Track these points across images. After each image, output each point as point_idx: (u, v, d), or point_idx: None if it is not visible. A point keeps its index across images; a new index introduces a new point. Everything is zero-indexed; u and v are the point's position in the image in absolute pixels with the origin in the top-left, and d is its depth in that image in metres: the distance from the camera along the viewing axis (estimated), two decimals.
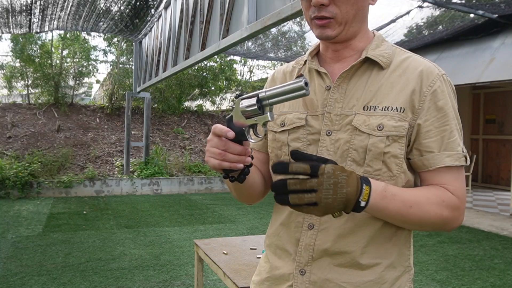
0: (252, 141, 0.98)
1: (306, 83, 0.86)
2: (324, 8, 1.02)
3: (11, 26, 8.00)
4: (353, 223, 1.04)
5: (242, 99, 0.96)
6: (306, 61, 1.17)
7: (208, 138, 0.99)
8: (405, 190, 1.01)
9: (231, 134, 0.95)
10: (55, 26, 8.45)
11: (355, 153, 1.03)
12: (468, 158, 1.05)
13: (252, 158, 1.00)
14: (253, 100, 0.93)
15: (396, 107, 1.02)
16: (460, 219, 1.04)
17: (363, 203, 0.91)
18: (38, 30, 8.58)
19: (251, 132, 0.99)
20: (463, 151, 1.03)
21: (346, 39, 1.08)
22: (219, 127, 0.96)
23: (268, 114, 0.93)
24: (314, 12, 1.03)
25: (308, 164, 0.87)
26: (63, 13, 7.45)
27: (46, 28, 8.47)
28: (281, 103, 0.93)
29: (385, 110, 1.03)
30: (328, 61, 1.14)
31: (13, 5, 6.92)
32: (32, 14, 7.38)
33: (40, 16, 7.54)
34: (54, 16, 7.55)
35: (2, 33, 8.58)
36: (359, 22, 1.07)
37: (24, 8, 7.01)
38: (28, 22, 7.78)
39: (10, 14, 7.31)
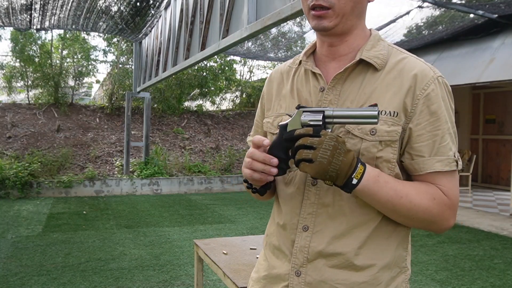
0: None
1: (379, 113, 0.91)
2: None
3: (12, 19, 7.99)
4: (348, 224, 1.04)
5: (305, 111, 0.98)
6: (301, 61, 1.16)
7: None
8: (398, 181, 1.02)
9: (275, 161, 1.00)
10: (55, 23, 8.43)
11: None
12: (460, 163, 1.04)
13: (280, 171, 1.03)
14: (319, 116, 0.96)
15: (390, 111, 1.02)
16: (451, 221, 1.04)
17: (355, 181, 0.95)
18: (39, 26, 8.55)
19: None
20: (454, 156, 1.03)
21: (342, 32, 1.07)
22: (256, 138, 1.01)
23: (329, 131, 0.97)
24: (313, 1, 1.03)
25: (311, 127, 0.95)
26: (63, 9, 7.45)
27: (47, 24, 8.45)
28: (345, 124, 0.99)
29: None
30: (323, 60, 1.13)
31: (13, 1, 6.93)
32: (33, 9, 7.38)
33: (40, 12, 7.54)
34: (54, 11, 7.55)
35: (3, 24, 8.55)
36: (357, 16, 1.07)
37: (25, 2, 7.01)
38: (29, 17, 7.77)
39: (10, 8, 7.31)
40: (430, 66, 1.07)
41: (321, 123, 0.95)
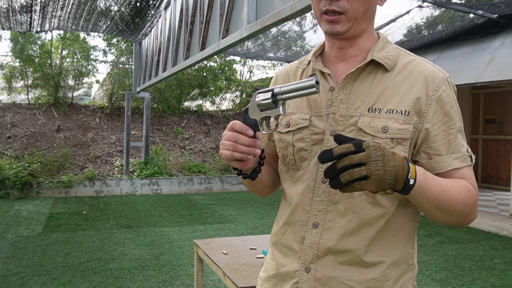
0: (264, 132, 1.05)
1: (317, 82, 0.92)
2: (335, 2, 1.03)
3: (12, 22, 7.98)
4: (357, 222, 1.05)
5: (259, 93, 1.02)
6: (310, 61, 1.17)
7: (223, 133, 1.04)
8: (438, 177, 1.03)
9: (250, 132, 1.00)
10: (55, 25, 8.42)
11: None
12: (473, 157, 1.08)
13: (263, 151, 1.05)
14: (268, 95, 1.00)
15: (401, 110, 1.04)
16: (475, 214, 1.06)
17: (412, 181, 0.92)
18: (39, 29, 8.55)
19: (264, 124, 1.05)
20: (468, 151, 1.07)
21: (353, 36, 1.09)
22: (238, 124, 1.01)
23: (281, 108, 0.99)
24: (325, 6, 1.04)
25: (350, 143, 0.88)
26: (63, 11, 7.44)
27: (47, 27, 8.44)
28: (293, 98, 0.99)
29: (390, 112, 1.04)
30: (332, 61, 1.14)
31: (13, 2, 6.91)
32: (33, 11, 7.37)
33: (40, 14, 7.52)
34: (54, 14, 7.54)
35: (3, 29, 8.55)
36: (367, 20, 1.09)
37: (24, 4, 7.00)
38: (29, 19, 7.76)
39: (10, 11, 7.30)
40: (438, 67, 1.10)
41: (270, 100, 0.99)
